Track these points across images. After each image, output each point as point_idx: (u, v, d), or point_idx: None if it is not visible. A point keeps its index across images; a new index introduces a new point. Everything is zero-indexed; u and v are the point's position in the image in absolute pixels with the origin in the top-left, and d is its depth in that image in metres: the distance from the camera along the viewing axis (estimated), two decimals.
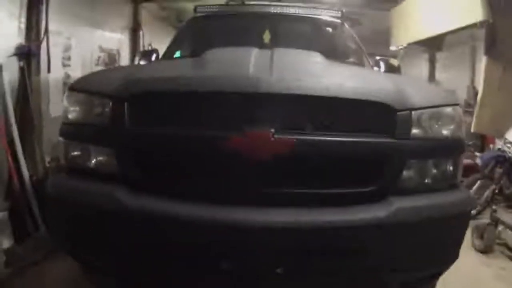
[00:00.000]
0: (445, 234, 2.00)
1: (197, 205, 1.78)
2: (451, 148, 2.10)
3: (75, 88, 2.16)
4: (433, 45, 8.64)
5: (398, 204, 1.88)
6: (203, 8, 4.09)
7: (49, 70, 4.58)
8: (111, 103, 1.94)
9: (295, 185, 1.84)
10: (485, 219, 4.44)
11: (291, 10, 3.98)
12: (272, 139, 1.74)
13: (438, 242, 1.98)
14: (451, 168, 2.09)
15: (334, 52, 3.43)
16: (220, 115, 1.84)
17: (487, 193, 5.03)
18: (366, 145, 1.88)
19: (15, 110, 4.02)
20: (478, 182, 5.12)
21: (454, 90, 7.80)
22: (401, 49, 7.80)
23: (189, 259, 1.81)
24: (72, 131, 2.10)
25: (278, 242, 1.76)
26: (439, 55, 9.68)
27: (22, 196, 3.91)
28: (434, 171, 2.05)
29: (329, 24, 4.08)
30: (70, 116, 2.10)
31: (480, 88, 5.25)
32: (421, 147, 1.99)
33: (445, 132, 2.07)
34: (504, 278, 3.68)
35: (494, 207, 4.51)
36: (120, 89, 1.94)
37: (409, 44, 7.42)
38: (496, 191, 5.03)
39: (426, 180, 2.03)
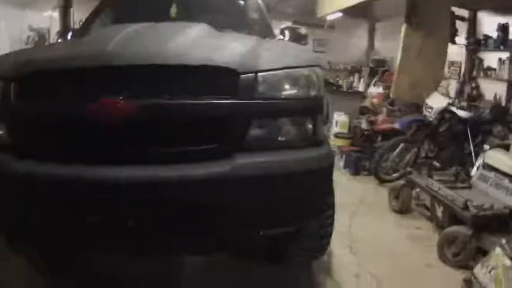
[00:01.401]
0: (295, 188, 2.07)
1: (67, 166, 1.99)
2: (306, 107, 2.18)
3: None
4: (364, 15, 8.82)
5: (241, 160, 1.99)
6: None
7: None
8: (1, 84, 2.15)
9: (146, 145, 2.03)
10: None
11: None
12: (120, 105, 1.93)
13: (288, 197, 2.05)
14: (309, 126, 2.18)
15: (231, 22, 3.53)
16: (84, 87, 2.04)
17: (409, 156, 5.36)
18: (207, 106, 2.00)
19: None
20: (401, 145, 5.42)
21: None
22: (331, 18, 7.82)
23: (63, 213, 2.03)
24: None
25: (130, 196, 1.95)
26: (378, 25, 9.89)
27: None
28: (288, 130, 2.14)
29: None
30: None
31: (398, 55, 5.41)
32: (268, 107, 2.07)
33: (299, 92, 2.14)
34: (417, 237, 3.88)
35: (409, 169, 4.76)
36: (7, 72, 2.16)
37: (339, 13, 7.44)
38: (424, 155, 5.29)
39: (279, 138, 2.12)
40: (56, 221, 2.09)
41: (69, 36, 3.83)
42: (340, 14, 7.88)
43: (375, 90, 7.61)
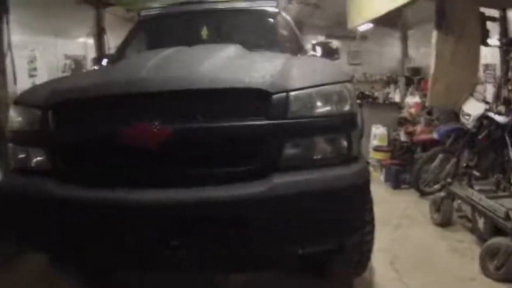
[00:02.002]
0: (331, 206, 2.07)
1: (105, 190, 2.08)
2: (339, 124, 2.18)
3: (16, 101, 2.53)
4: (393, 23, 8.72)
5: (277, 180, 2.01)
6: (145, 11, 4.35)
7: (15, 82, 4.83)
8: (40, 112, 2.27)
9: (182, 167, 2.10)
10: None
11: (227, 5, 4.23)
12: (155, 130, 2.00)
13: (325, 214, 2.07)
14: (343, 143, 2.18)
15: (261, 41, 3.62)
16: (119, 113, 2.13)
17: (449, 166, 5.15)
18: (240, 128, 2.04)
19: None
20: (440, 156, 5.27)
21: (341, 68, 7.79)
22: (362, 29, 7.80)
23: (101, 235, 2.12)
24: (16, 137, 2.46)
25: (172, 217, 2.03)
26: (411, 32, 9.75)
27: None
28: (323, 147, 2.15)
29: (263, 13, 4.22)
30: (14, 125, 2.46)
31: (432, 63, 5.29)
32: (301, 126, 2.08)
33: (331, 109, 2.15)
34: (459, 250, 3.76)
35: (449, 180, 4.62)
36: (45, 100, 2.28)
37: (370, 23, 7.41)
38: (465, 164, 5.08)
39: (313, 156, 2.14)
40: (98, 243, 2.16)
41: (104, 63, 3.94)
42: (371, 25, 7.81)
43: (412, 99, 7.44)
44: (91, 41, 7.22)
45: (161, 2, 5.35)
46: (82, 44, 6.94)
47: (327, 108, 2.15)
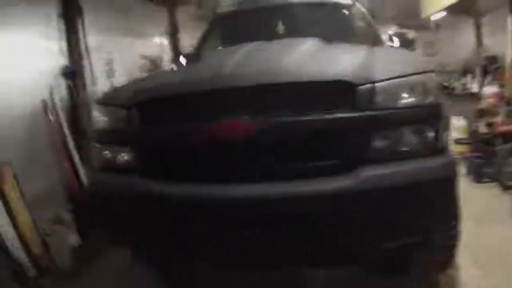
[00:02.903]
0: (420, 198, 2.03)
1: (197, 186, 2.12)
2: (425, 115, 2.13)
3: (100, 102, 2.64)
4: (465, 10, 8.31)
5: (365, 173, 1.98)
6: (220, 8, 4.45)
7: (94, 84, 5.04)
8: (125, 111, 2.35)
9: (272, 161, 2.09)
10: None
11: None
12: (243, 124, 2.02)
13: (412, 207, 2.02)
14: (430, 134, 2.12)
15: (338, 33, 3.56)
16: (204, 109, 2.16)
17: None
18: (327, 122, 2.02)
19: (68, 123, 4.52)
20: None
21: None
22: (434, 18, 7.52)
23: (192, 228, 2.15)
24: (101, 137, 2.58)
25: (259, 211, 2.01)
26: (484, 19, 9.25)
27: (82, 199, 4.39)
28: (410, 139, 2.10)
29: (338, 6, 4.22)
30: (99, 124, 2.57)
31: (508, 51, 4.96)
32: (388, 118, 2.06)
33: (417, 100, 2.10)
34: None
35: None
36: (130, 99, 2.37)
37: (443, 11, 7.15)
38: None
39: (400, 148, 2.09)
40: (182, 236, 2.21)
41: (182, 61, 4.05)
42: (444, 13, 7.48)
43: (490, 89, 7.08)
44: (165, 41, 7.39)
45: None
46: (157, 44, 7.14)
47: (413, 99, 2.09)
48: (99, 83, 5.15)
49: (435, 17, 7.92)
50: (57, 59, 4.57)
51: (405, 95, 2.09)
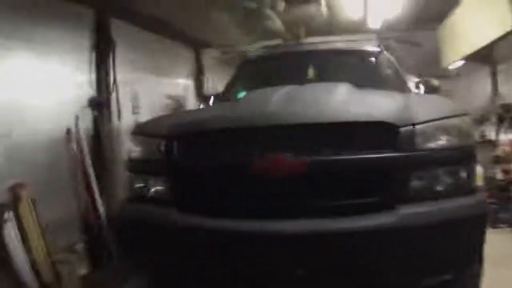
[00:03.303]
0: (454, 236, 2.10)
1: (235, 220, 2.14)
2: (460, 156, 2.22)
3: (136, 132, 2.68)
4: (482, 59, 8.41)
5: (405, 211, 2.05)
6: (253, 52, 4.60)
7: (119, 118, 5.14)
8: (164, 142, 2.37)
9: (314, 198, 2.12)
10: None
11: (330, 46, 4.42)
12: (290, 161, 2.06)
13: (447, 245, 2.09)
14: (463, 174, 2.20)
15: (368, 79, 3.66)
16: (247, 145, 2.21)
17: None
18: (370, 161, 2.10)
19: (90, 154, 4.57)
20: None
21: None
22: (454, 66, 7.64)
23: (228, 264, 2.17)
24: (136, 166, 2.59)
25: (306, 248, 2.05)
26: (500, 67, 9.30)
27: (98, 230, 4.39)
28: (445, 179, 2.17)
29: (366, 53, 4.35)
30: (133, 154, 2.59)
31: None
32: (427, 158, 2.14)
33: (452, 141, 2.20)
34: None
35: None
36: (170, 131, 2.40)
37: (462, 60, 7.28)
38: None
39: (437, 188, 2.16)
40: (222, 273, 2.20)
41: (210, 102, 4.11)
42: (462, 62, 7.65)
43: (505, 137, 7.13)
44: (189, 82, 7.54)
45: (257, 45, 5.56)
46: (182, 84, 7.27)
47: (449, 141, 2.20)
48: (124, 117, 5.24)
49: (454, 65, 8.07)
50: (85, 90, 4.70)
51: (442, 137, 2.18)
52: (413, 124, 2.13)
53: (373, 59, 4.29)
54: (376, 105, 2.37)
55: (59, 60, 4.39)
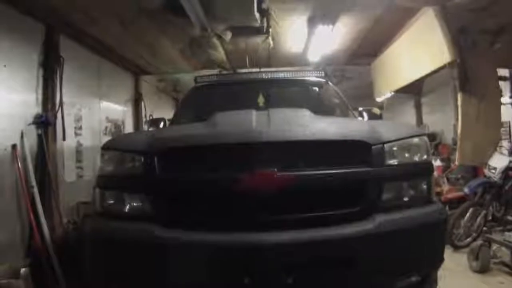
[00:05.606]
0: (423, 240, 2.38)
1: (220, 234, 2.19)
2: (422, 170, 2.55)
3: (109, 147, 2.62)
4: (412, 91, 9.14)
5: (380, 219, 2.29)
6: (202, 78, 4.61)
7: (64, 138, 5.02)
8: (143, 158, 2.37)
9: (298, 210, 2.27)
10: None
11: (279, 75, 4.58)
12: (275, 176, 2.20)
13: (415, 247, 2.35)
14: (424, 186, 2.52)
15: (319, 107, 3.80)
16: (232, 161, 2.29)
17: (479, 219, 5.26)
18: (349, 175, 2.33)
19: (35, 173, 4.42)
20: (470, 210, 5.37)
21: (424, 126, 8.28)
22: (384, 99, 8.13)
23: (213, 277, 2.18)
24: (108, 182, 2.51)
25: (290, 257, 2.16)
26: (424, 99, 10.14)
27: (43, 253, 4.20)
28: (410, 190, 2.48)
29: (314, 83, 4.61)
30: (105, 169, 2.53)
31: (459, 123, 5.53)
32: (395, 172, 2.43)
33: (414, 158, 2.52)
34: None
35: (485, 228, 4.78)
36: (149, 147, 2.39)
37: (391, 93, 7.75)
38: (490, 217, 5.27)
39: (404, 198, 2.46)
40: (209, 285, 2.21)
41: (161, 125, 4.12)
42: (391, 94, 8.10)
43: (434, 163, 7.68)
44: (126, 108, 7.45)
45: (194, 74, 5.56)
46: (121, 109, 7.19)
47: (412, 157, 2.52)
48: (68, 138, 5.13)
49: (380, 99, 8.56)
50: (31, 106, 4.57)
51: (406, 154, 2.50)
52: (383, 143, 2.41)
53: (321, 88, 4.54)
54: (347, 127, 2.58)
55: (7, 73, 4.22)
